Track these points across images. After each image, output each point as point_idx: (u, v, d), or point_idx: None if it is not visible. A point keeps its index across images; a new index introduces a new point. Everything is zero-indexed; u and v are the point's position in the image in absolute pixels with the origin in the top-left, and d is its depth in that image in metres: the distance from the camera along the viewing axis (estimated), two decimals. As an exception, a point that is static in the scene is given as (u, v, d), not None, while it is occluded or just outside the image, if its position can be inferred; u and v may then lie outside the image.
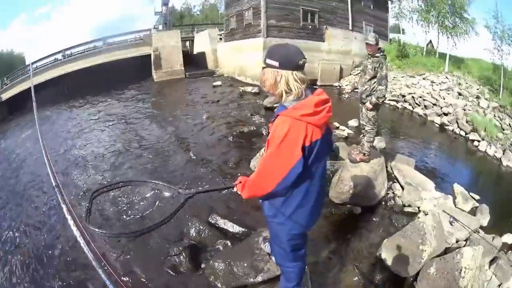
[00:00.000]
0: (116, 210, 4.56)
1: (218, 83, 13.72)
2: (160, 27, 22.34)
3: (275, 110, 1.85)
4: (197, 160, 6.34)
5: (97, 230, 2.33)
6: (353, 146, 5.83)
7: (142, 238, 3.57)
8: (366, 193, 4.39)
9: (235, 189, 2.14)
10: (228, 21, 17.72)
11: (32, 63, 24.96)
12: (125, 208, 4.57)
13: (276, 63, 1.76)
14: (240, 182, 2.06)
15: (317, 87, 1.92)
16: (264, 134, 7.24)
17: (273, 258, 2.93)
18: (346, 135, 7.45)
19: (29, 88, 22.92)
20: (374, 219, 4.23)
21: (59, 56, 23.34)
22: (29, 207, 5.45)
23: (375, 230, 4.05)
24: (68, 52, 23.27)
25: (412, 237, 3.43)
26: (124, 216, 4.41)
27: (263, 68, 1.85)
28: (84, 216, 2.40)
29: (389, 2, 18.91)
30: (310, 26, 14.81)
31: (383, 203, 4.64)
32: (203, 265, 3.35)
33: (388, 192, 4.90)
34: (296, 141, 1.68)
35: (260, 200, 2.10)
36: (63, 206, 3.13)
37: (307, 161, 1.75)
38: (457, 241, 3.99)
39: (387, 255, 3.34)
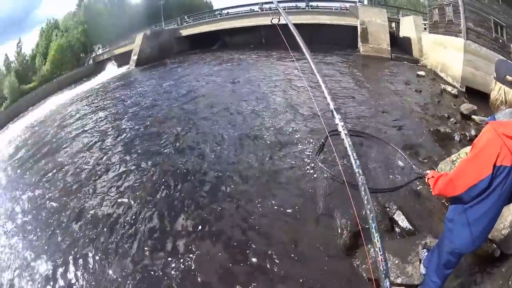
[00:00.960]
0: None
1: (422, 73, 13.51)
2: (365, 1, 22.80)
3: (488, 118, 1.93)
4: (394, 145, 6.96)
5: (323, 166, 2.59)
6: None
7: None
8: (510, 238, 3.92)
9: (426, 179, 2.28)
10: (431, 12, 16.84)
11: (222, 9, 29.18)
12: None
13: (493, 74, 1.88)
14: (432, 177, 2.17)
15: None
16: (456, 140, 7.11)
17: (421, 266, 3.00)
18: None
19: (213, 31, 27.12)
20: (503, 269, 3.66)
21: (255, 8, 26.37)
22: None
23: (497, 280, 3.58)
24: (266, 6, 25.91)
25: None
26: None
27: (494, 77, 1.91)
28: (317, 151, 2.64)
29: None
30: (500, 40, 13.17)
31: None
32: (357, 250, 3.64)
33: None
34: (490, 156, 1.74)
35: (448, 203, 2.27)
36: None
37: (493, 181, 1.78)
38: None
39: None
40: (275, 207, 4.90)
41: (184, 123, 9.79)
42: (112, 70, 28.41)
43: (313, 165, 6.00)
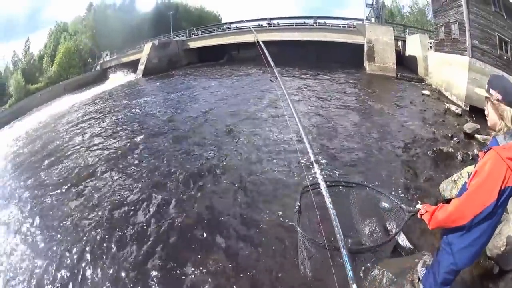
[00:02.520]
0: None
1: (427, 92, 13.61)
2: (373, 19, 23.12)
3: (489, 142, 1.92)
4: (394, 166, 6.82)
5: (306, 236, 2.33)
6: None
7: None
8: (509, 254, 4.01)
9: (418, 215, 2.25)
10: (437, 31, 16.96)
11: (231, 23, 29.38)
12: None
13: (499, 96, 1.80)
14: (427, 212, 2.14)
15: None
16: (459, 160, 7.11)
17: (420, 284, 2.97)
18: None
19: (221, 44, 27.30)
20: (502, 285, 3.77)
21: (263, 23, 26.61)
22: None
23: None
24: (274, 22, 26.41)
25: None
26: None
27: (486, 97, 1.90)
28: (296, 217, 2.47)
29: None
30: (505, 57, 13.19)
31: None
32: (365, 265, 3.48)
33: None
34: (496, 182, 1.75)
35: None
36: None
37: (496, 204, 1.80)
38: None
39: None
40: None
41: (173, 145, 9.39)
42: (119, 78, 28.59)
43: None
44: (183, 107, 13.90)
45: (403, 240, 4.09)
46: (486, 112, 1.96)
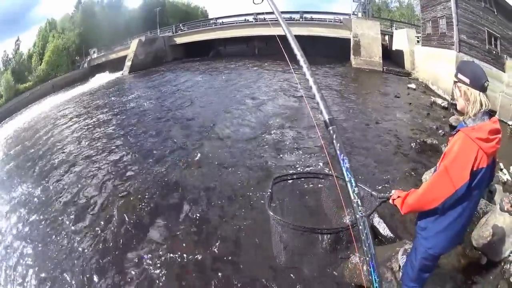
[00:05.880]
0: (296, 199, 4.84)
1: (413, 86, 13.65)
2: (359, 14, 23.03)
3: (458, 125, 1.96)
4: (378, 158, 6.78)
5: (279, 218, 2.26)
6: (508, 194, 5.36)
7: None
8: (497, 245, 4.03)
9: (390, 201, 2.22)
10: (424, 25, 17.09)
11: (217, 18, 29.32)
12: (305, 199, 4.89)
13: (467, 80, 1.85)
14: (399, 197, 2.12)
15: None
16: (443, 151, 7.15)
17: (400, 272, 3.00)
18: (506, 180, 6.78)
19: (208, 40, 27.22)
20: (490, 276, 3.73)
21: (249, 18, 26.38)
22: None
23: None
24: (260, 16, 26.15)
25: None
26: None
27: (455, 82, 1.94)
28: (267, 202, 2.48)
29: None
30: (494, 52, 13.24)
31: (503, 264, 3.95)
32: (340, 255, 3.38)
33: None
34: (467, 163, 1.75)
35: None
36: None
37: (469, 186, 1.80)
38: None
39: None
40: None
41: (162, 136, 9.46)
42: (106, 75, 28.30)
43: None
44: (171, 102, 13.66)
45: (384, 230, 4.10)
46: (455, 96, 2.00)
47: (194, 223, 5.00)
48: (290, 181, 3.43)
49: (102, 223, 5.39)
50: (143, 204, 5.75)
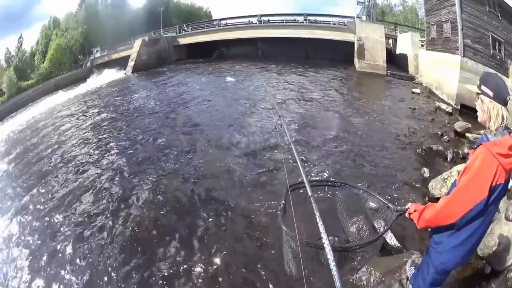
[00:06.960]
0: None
1: (417, 90, 13.58)
2: (364, 17, 23.01)
3: (478, 139, 1.91)
4: (384, 165, 6.65)
5: (291, 233, 2.17)
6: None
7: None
8: (502, 255, 3.97)
9: (406, 215, 2.19)
10: (428, 29, 17.01)
11: (221, 19, 29.36)
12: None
13: (490, 93, 1.80)
14: (416, 211, 2.08)
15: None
16: (449, 158, 6.97)
17: (408, 283, 2.89)
18: (510, 188, 6.54)
19: (211, 41, 27.23)
20: (493, 285, 3.65)
21: (254, 20, 26.61)
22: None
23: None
24: (264, 18, 26.23)
25: None
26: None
27: (477, 93, 1.89)
28: (281, 215, 2.38)
29: None
30: (498, 57, 13.13)
31: (506, 272, 3.86)
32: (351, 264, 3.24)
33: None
34: (487, 178, 1.71)
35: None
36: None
37: (487, 201, 1.76)
38: None
39: None
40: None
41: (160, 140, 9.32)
42: (109, 75, 28.25)
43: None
44: (174, 102, 13.67)
45: (391, 239, 4.02)
46: (477, 108, 1.92)
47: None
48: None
49: (103, 228, 5.31)
50: (150, 209, 5.63)
